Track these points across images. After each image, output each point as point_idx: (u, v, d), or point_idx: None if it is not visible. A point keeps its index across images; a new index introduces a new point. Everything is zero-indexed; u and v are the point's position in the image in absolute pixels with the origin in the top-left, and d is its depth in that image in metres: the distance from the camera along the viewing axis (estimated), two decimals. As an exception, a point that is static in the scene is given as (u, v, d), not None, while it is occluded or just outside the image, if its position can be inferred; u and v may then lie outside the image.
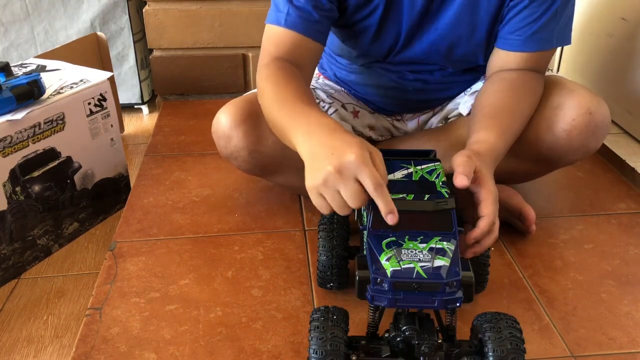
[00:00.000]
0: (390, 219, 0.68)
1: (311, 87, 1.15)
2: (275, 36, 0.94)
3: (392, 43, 1.01)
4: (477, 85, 1.11)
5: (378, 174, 0.68)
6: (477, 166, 0.76)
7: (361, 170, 0.67)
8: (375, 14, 0.96)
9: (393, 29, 0.98)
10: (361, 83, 1.15)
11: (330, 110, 1.13)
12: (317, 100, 1.13)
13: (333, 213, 0.75)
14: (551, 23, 0.94)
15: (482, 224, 0.74)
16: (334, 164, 0.68)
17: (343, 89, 1.18)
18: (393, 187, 0.72)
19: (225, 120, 1.02)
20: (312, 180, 0.71)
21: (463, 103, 1.10)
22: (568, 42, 0.98)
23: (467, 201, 0.77)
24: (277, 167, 1.07)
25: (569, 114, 0.94)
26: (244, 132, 1.01)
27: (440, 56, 1.02)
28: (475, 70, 1.08)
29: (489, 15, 0.95)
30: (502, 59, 0.98)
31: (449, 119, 1.15)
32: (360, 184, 0.68)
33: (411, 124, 1.19)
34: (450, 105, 1.15)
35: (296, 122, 0.80)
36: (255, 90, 1.13)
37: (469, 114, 1.06)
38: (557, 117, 0.95)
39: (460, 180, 0.72)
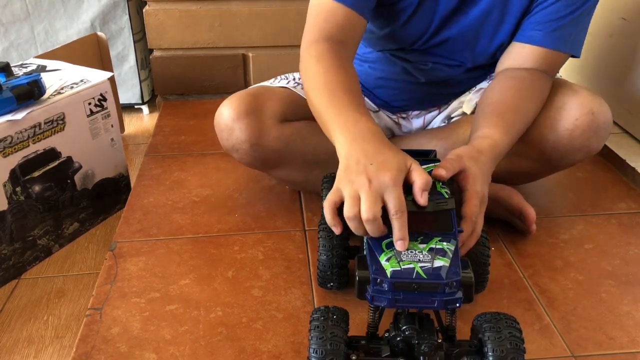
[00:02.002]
0: (400, 245, 0.68)
1: None
2: (324, 8, 0.92)
3: (425, 27, 1.00)
4: (482, 84, 1.11)
5: (403, 200, 0.68)
6: (466, 166, 0.77)
7: (391, 192, 0.69)
8: None
9: (428, 14, 0.98)
10: (371, 73, 1.14)
11: None
12: None
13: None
14: (572, 25, 0.95)
15: (463, 226, 0.75)
16: (368, 175, 0.70)
17: None
18: None
19: (227, 113, 1.02)
20: (343, 177, 0.72)
21: (467, 102, 1.10)
22: (578, 53, 0.99)
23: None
24: (278, 161, 1.07)
25: (572, 114, 0.95)
26: (246, 124, 1.01)
27: (465, 46, 1.02)
28: (482, 68, 1.09)
29: (520, 9, 0.97)
30: (515, 53, 0.99)
31: (452, 118, 1.15)
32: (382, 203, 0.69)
33: (417, 123, 1.19)
34: (454, 104, 1.15)
35: (341, 120, 0.79)
36: (258, 84, 1.14)
37: (472, 112, 1.06)
38: (561, 116, 0.96)
39: (437, 170, 0.75)
